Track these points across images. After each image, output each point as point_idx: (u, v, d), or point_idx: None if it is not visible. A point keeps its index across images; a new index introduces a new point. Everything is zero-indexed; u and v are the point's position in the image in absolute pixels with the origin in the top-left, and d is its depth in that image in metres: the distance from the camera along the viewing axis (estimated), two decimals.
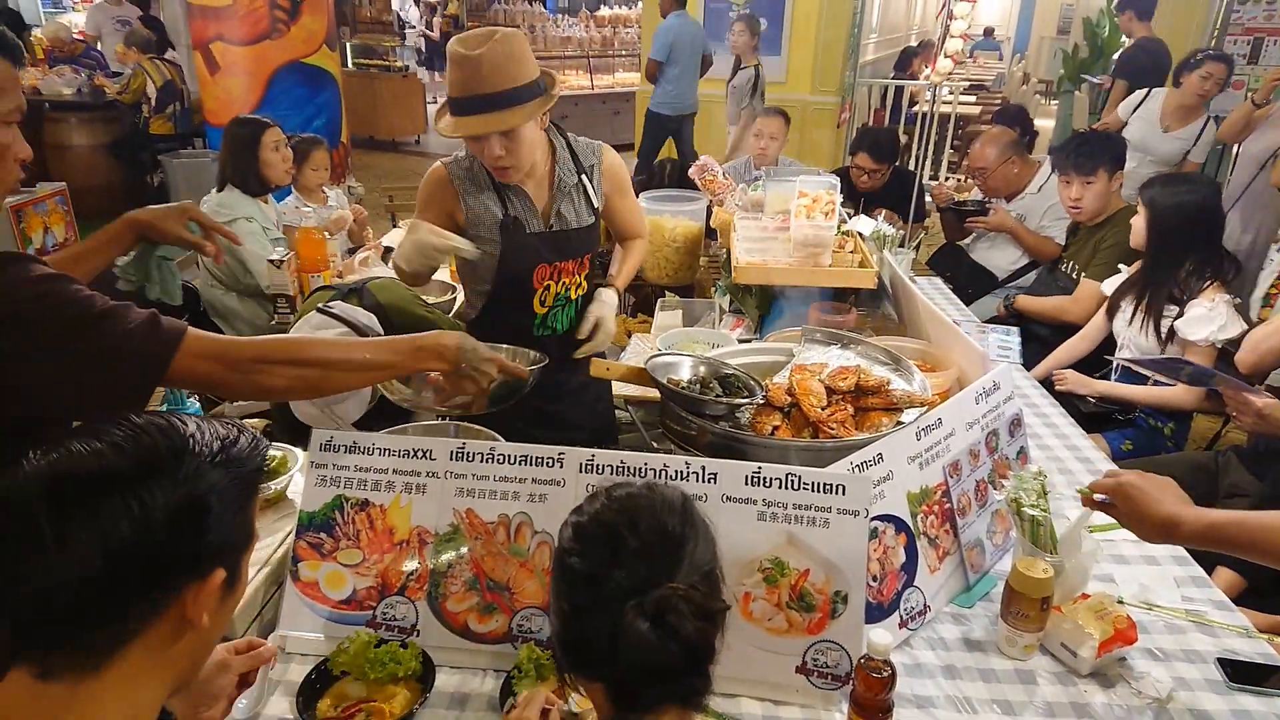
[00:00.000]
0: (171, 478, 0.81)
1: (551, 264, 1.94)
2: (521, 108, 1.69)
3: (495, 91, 1.66)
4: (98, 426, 0.83)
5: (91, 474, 0.79)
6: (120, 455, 0.80)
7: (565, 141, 1.96)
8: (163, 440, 0.83)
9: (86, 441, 0.81)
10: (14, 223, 4.16)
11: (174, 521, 0.80)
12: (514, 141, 1.72)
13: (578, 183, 1.95)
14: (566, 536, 0.97)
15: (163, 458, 0.82)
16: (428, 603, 1.37)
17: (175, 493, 0.80)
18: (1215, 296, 2.41)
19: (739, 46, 6.04)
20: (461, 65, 1.66)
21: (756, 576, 1.31)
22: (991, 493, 1.66)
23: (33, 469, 0.79)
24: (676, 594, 0.87)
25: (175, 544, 0.81)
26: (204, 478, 0.83)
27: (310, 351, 1.26)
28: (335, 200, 3.70)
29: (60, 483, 0.78)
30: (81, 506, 0.77)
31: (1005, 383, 1.74)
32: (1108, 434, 2.61)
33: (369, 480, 1.41)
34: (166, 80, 6.41)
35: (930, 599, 1.49)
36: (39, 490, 0.78)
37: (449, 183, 1.88)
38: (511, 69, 1.67)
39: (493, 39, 1.66)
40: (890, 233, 3.00)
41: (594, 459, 1.37)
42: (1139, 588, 1.61)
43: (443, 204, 1.90)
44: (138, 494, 0.78)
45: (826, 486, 1.32)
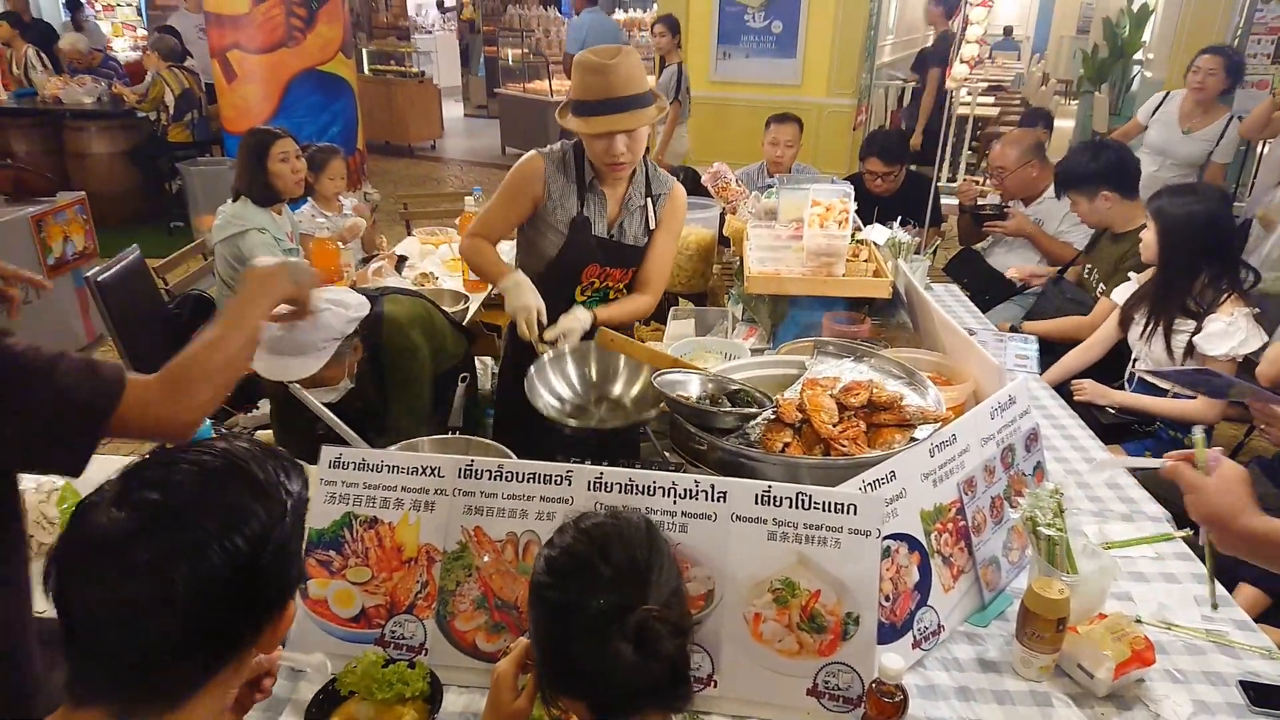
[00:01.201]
0: (263, 518, 0.84)
1: (603, 267, 2.14)
2: (646, 110, 1.95)
3: (629, 95, 1.91)
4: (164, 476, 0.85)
5: (182, 510, 0.82)
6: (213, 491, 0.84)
7: (646, 168, 2.18)
8: (251, 476, 0.87)
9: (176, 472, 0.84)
10: (34, 232, 4.21)
11: (268, 563, 0.84)
12: (635, 141, 1.97)
13: (643, 205, 2.17)
14: (540, 570, 0.99)
15: (252, 495, 0.85)
16: (436, 621, 1.36)
17: (264, 532, 0.84)
18: (1234, 310, 2.36)
19: (661, 46, 6.18)
20: (599, 72, 1.90)
21: (767, 597, 1.30)
22: (1007, 509, 1.63)
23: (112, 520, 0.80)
24: (653, 616, 0.91)
25: (268, 582, 0.86)
26: (287, 517, 0.88)
27: (211, 357, 1.23)
28: (351, 208, 3.73)
29: (151, 521, 0.81)
30: (177, 544, 0.80)
31: (1021, 397, 1.72)
32: (1127, 445, 2.57)
33: (378, 497, 1.41)
34: (185, 88, 6.46)
35: (944, 618, 1.47)
36: (133, 528, 0.80)
37: (543, 172, 2.07)
38: (639, 78, 1.93)
39: (623, 52, 1.91)
40: (906, 240, 2.98)
41: (602, 476, 1.36)
42: (1157, 606, 1.59)
43: (531, 190, 2.08)
44: (231, 537, 0.82)
45: (838, 506, 1.30)
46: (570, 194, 2.09)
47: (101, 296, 2.78)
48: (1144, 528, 1.84)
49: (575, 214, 2.09)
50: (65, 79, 6.94)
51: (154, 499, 0.82)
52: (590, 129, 1.94)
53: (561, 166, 2.09)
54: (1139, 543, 1.78)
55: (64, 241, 4.42)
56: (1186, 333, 2.43)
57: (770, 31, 7.29)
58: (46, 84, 6.89)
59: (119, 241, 3.64)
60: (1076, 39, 13.59)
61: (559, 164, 2.09)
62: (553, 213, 2.09)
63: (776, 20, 7.23)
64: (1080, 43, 11.68)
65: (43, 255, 4.27)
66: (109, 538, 0.80)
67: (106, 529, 0.81)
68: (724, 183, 3.28)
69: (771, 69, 7.34)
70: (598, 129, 1.93)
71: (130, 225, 6.44)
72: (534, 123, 9.51)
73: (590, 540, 0.98)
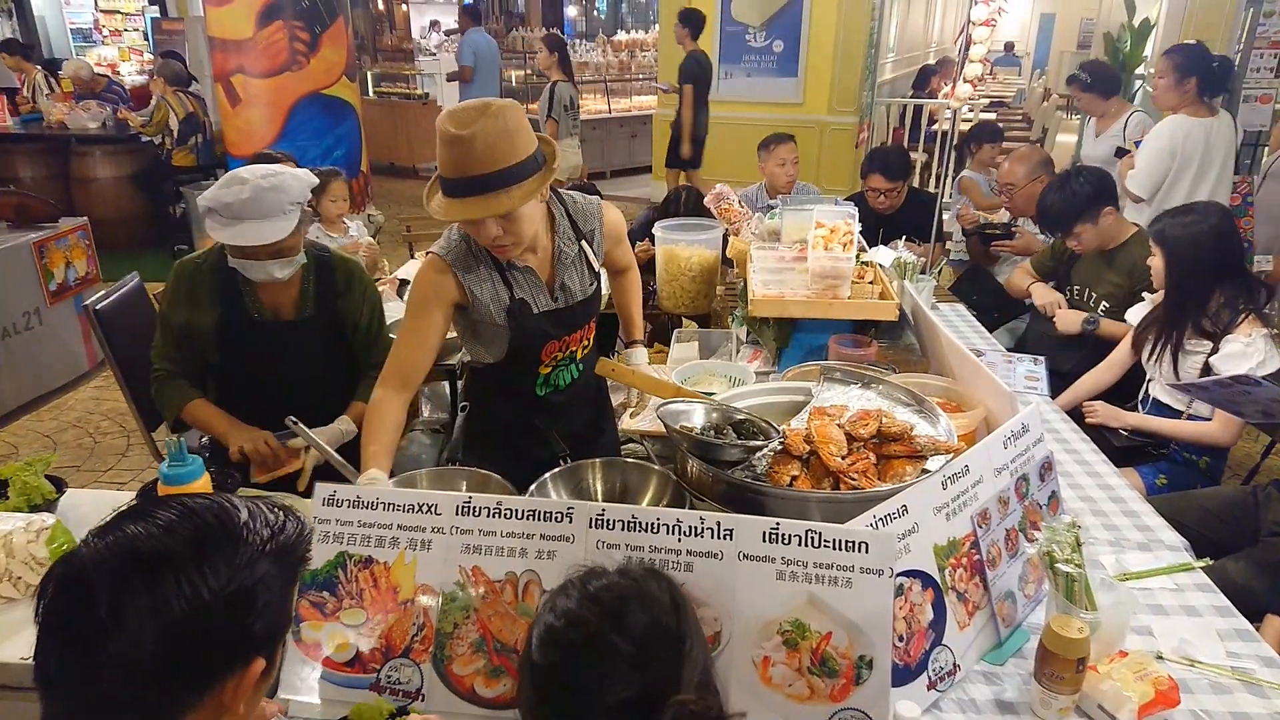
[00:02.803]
0: (226, 564, 0.81)
1: (560, 339, 1.88)
2: (519, 186, 1.57)
3: (490, 172, 1.54)
4: (151, 508, 0.84)
5: (147, 555, 0.79)
6: (174, 538, 0.81)
7: (564, 209, 1.87)
8: (216, 525, 0.84)
9: (141, 523, 0.82)
10: (37, 258, 4.21)
11: (224, 609, 0.80)
12: (512, 221, 1.61)
13: (578, 252, 1.87)
14: (538, 642, 0.83)
15: (217, 542, 0.82)
16: (433, 665, 1.32)
17: (228, 581, 0.81)
18: (1252, 331, 2.31)
19: (542, 64, 6.43)
20: (452, 145, 1.53)
21: (776, 639, 1.25)
22: (1022, 541, 1.58)
23: (91, 549, 0.81)
24: (689, 711, 0.73)
25: (223, 633, 0.81)
26: (255, 567, 0.83)
27: None
28: (355, 230, 3.71)
29: (117, 562, 0.79)
30: (137, 585, 0.78)
31: (1034, 424, 1.67)
32: (1141, 468, 2.52)
33: (372, 536, 1.37)
34: (189, 113, 6.49)
35: (960, 657, 1.42)
36: (96, 569, 0.79)
37: (449, 271, 1.74)
38: (505, 146, 1.54)
39: (485, 114, 1.53)
40: (911, 260, 2.94)
41: (604, 514, 1.32)
42: (1179, 642, 1.53)
43: (445, 296, 1.76)
44: (190, 578, 0.78)
45: (848, 544, 1.26)
46: (493, 281, 1.77)
47: (100, 325, 2.75)
48: (1162, 557, 1.79)
49: (507, 302, 1.78)
50: (71, 104, 6.97)
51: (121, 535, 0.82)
52: (448, 214, 1.60)
53: (466, 257, 1.76)
54: (1157, 573, 1.73)
55: (66, 267, 4.41)
56: (1201, 354, 2.38)
57: (771, 51, 7.32)
58: (52, 109, 6.93)
59: (124, 266, 3.63)
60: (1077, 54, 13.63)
61: (462, 257, 1.75)
62: (482, 310, 1.78)
63: (778, 39, 7.25)
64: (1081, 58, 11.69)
65: (45, 281, 4.26)
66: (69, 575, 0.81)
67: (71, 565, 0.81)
68: (727, 204, 3.25)
69: (773, 88, 7.36)
70: (456, 215, 1.60)
71: (135, 249, 6.45)
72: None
73: (601, 607, 0.81)
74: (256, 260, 2.06)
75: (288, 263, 2.10)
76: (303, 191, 2.06)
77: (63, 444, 3.99)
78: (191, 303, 2.17)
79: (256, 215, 1.99)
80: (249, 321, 2.18)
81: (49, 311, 4.30)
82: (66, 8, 13.04)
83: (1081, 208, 2.91)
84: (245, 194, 1.95)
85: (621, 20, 15.21)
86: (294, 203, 2.04)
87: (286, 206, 2.02)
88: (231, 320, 2.17)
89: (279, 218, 2.02)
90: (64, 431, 4.10)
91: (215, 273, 2.16)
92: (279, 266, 2.08)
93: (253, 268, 2.07)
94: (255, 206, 1.97)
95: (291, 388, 2.20)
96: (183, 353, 2.21)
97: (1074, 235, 2.96)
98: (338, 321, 2.29)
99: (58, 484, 1.80)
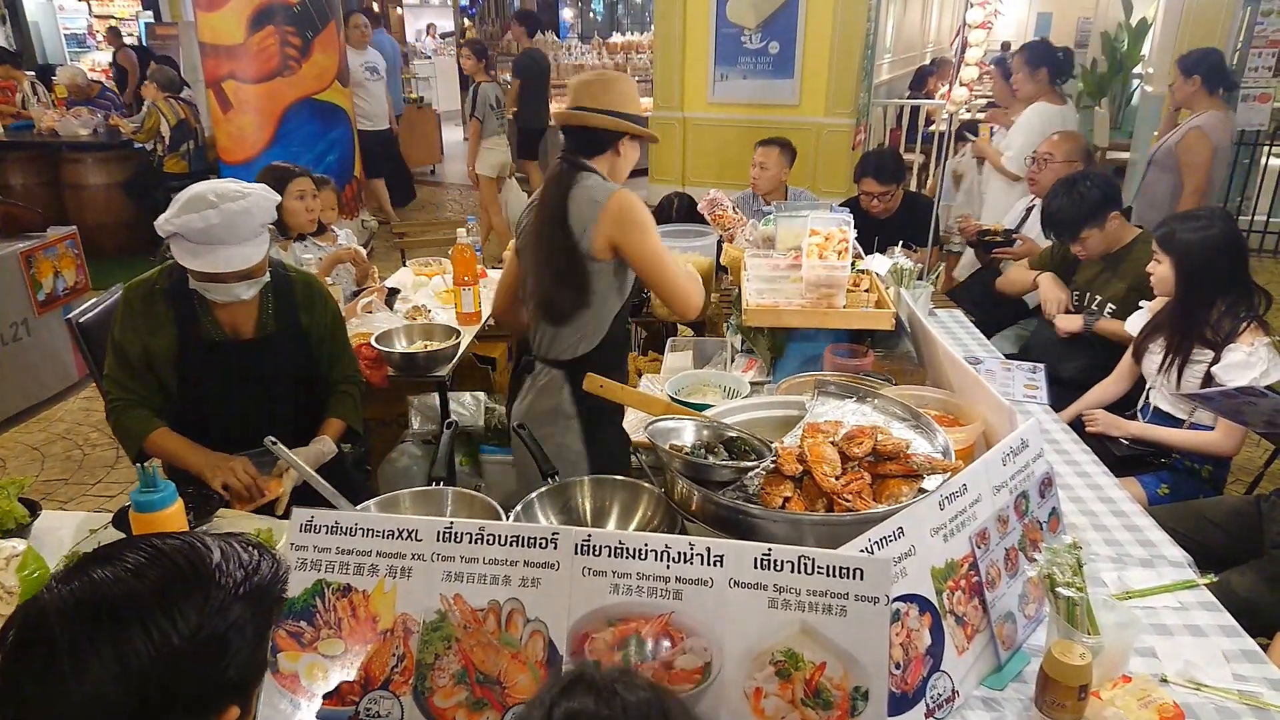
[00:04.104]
0: (197, 610, 0.78)
1: None
2: None
3: None
4: (118, 550, 0.81)
5: (113, 601, 0.76)
6: (141, 582, 0.78)
7: None
8: (187, 567, 0.81)
9: (107, 567, 0.79)
10: (24, 268, 4.16)
11: (195, 657, 0.77)
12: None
13: None
14: None
15: (187, 586, 0.79)
16: (413, 697, 1.27)
17: (199, 626, 0.78)
18: (1254, 340, 2.27)
19: (468, 68, 6.61)
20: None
21: (768, 670, 1.20)
22: (1022, 560, 1.54)
23: (53, 595, 0.77)
24: None
25: (194, 681, 0.78)
26: (228, 612, 0.80)
27: None
28: (345, 238, 3.66)
29: (80, 609, 0.76)
30: (101, 634, 0.75)
31: (1034, 439, 1.63)
32: (1143, 477, 2.48)
33: (351, 563, 1.32)
34: (181, 119, 6.44)
35: (959, 683, 1.38)
36: (59, 616, 0.76)
37: None
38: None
39: None
40: (908, 266, 2.90)
41: (590, 539, 1.28)
42: (1184, 664, 1.49)
43: None
44: (159, 624, 0.76)
45: (843, 571, 1.21)
46: None
47: (84, 337, 2.71)
48: (1165, 573, 1.75)
49: None
50: (61, 110, 6.93)
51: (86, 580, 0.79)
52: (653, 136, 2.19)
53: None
54: (1160, 591, 1.69)
55: (54, 277, 4.36)
56: (1203, 363, 2.34)
57: (767, 52, 7.27)
58: (43, 116, 6.88)
59: (115, 274, 3.60)
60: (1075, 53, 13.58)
61: None
62: None
63: (773, 41, 7.21)
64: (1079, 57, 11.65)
65: (32, 291, 4.21)
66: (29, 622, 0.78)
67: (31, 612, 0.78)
68: (720, 210, 3.21)
69: (769, 90, 7.31)
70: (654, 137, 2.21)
71: (127, 257, 6.41)
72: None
73: None
74: (224, 283, 1.99)
75: (255, 283, 2.05)
76: (270, 211, 2.00)
77: (51, 456, 3.94)
78: (147, 327, 2.07)
79: (230, 240, 1.92)
80: (209, 343, 2.10)
81: (37, 322, 4.25)
82: (60, 13, 13.00)
83: (1089, 212, 2.87)
84: (215, 219, 1.87)
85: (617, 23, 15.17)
86: (263, 224, 1.99)
87: (257, 228, 1.97)
88: (189, 342, 2.09)
89: (251, 241, 1.97)
90: (52, 443, 4.06)
91: (169, 294, 2.08)
92: (245, 288, 2.03)
93: (218, 290, 2.01)
94: (227, 231, 1.90)
95: (257, 409, 2.14)
96: (139, 380, 2.10)
97: (1080, 240, 2.92)
98: (301, 337, 2.24)
99: (32, 507, 1.76)
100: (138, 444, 2.07)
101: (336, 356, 2.30)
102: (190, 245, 1.92)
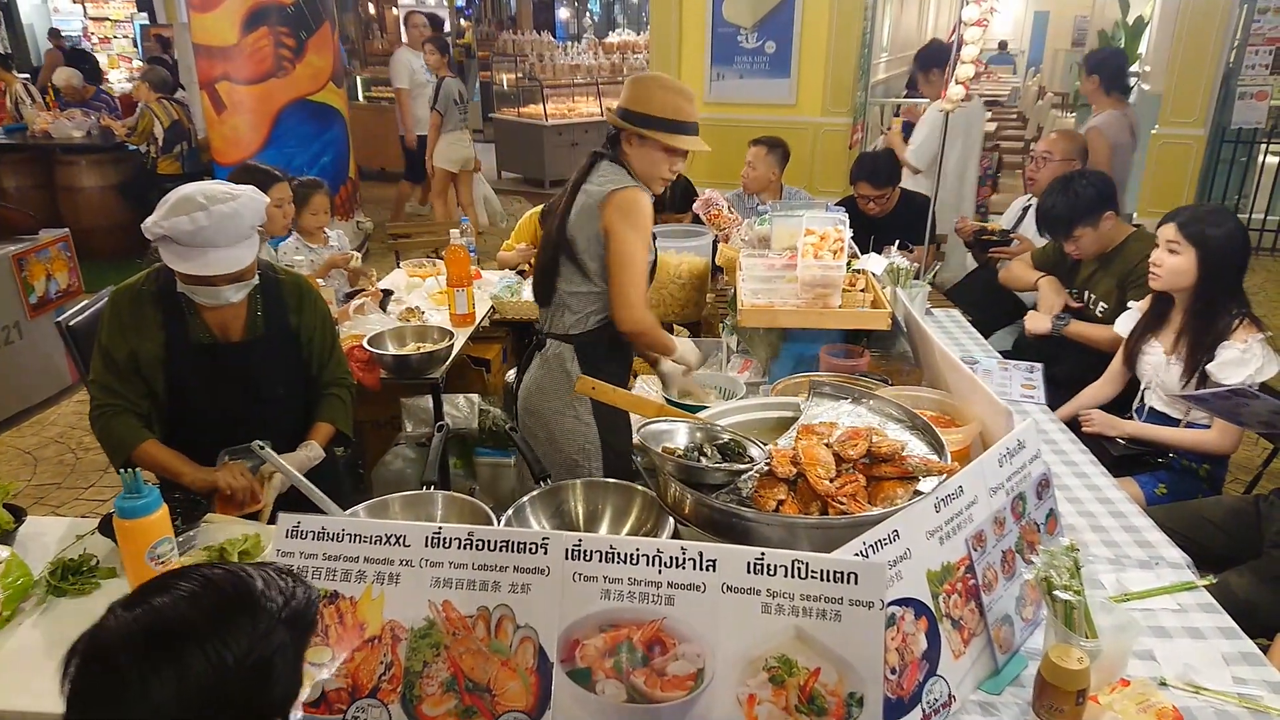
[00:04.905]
0: (247, 634, 0.84)
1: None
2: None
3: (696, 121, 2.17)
4: (173, 580, 0.88)
5: (171, 626, 0.83)
6: (197, 608, 0.84)
7: None
8: (235, 595, 0.87)
9: (165, 595, 0.85)
10: (16, 271, 4.14)
11: (245, 677, 0.83)
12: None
13: None
14: None
15: (237, 612, 0.85)
16: (401, 706, 1.25)
17: (249, 650, 0.84)
18: (1248, 336, 2.26)
19: (431, 64, 6.72)
20: (689, 98, 2.14)
21: (762, 676, 1.19)
22: (1019, 563, 1.52)
23: (118, 621, 0.84)
24: None
25: (244, 701, 0.83)
26: (272, 636, 0.86)
27: None
28: (336, 240, 3.64)
29: (143, 634, 0.82)
30: (162, 656, 0.81)
31: (1031, 440, 1.61)
32: (1140, 477, 2.46)
33: (338, 570, 1.31)
34: (174, 120, 6.42)
35: (955, 688, 1.36)
36: (122, 641, 0.82)
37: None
38: None
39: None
40: (904, 266, 2.88)
41: (580, 544, 1.26)
42: (1183, 667, 1.47)
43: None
44: (214, 645, 0.82)
45: (837, 575, 1.19)
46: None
47: (75, 340, 2.69)
48: (1163, 575, 1.73)
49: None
50: (55, 113, 6.90)
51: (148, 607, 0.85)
52: (679, 144, 2.13)
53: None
54: (1159, 593, 1.67)
55: (47, 280, 4.34)
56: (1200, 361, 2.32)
57: (764, 52, 7.25)
58: (36, 118, 6.86)
59: (109, 276, 3.56)
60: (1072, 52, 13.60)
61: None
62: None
63: (770, 40, 7.19)
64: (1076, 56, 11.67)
65: (24, 295, 4.19)
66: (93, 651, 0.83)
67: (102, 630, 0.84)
68: (716, 210, 3.20)
69: (766, 89, 7.29)
70: (686, 145, 2.15)
71: (121, 259, 6.38)
72: (528, 147, 9.47)
73: None
74: (213, 286, 1.97)
75: (243, 286, 2.03)
76: (259, 213, 1.98)
77: (43, 460, 3.92)
78: (135, 331, 2.04)
79: (220, 243, 1.90)
80: (197, 346, 2.07)
81: (29, 325, 4.23)
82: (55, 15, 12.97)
83: (1083, 211, 2.85)
84: (205, 221, 1.85)
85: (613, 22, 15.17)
86: (253, 226, 1.96)
87: (246, 230, 1.95)
88: (178, 346, 2.06)
89: (242, 244, 1.95)
90: (45, 448, 4.03)
91: (156, 298, 2.05)
92: (235, 290, 2.01)
93: (206, 293, 1.98)
94: (217, 234, 1.88)
95: (246, 412, 2.11)
96: (126, 385, 2.06)
97: (1073, 239, 2.90)
98: (291, 338, 2.21)
99: (16, 513, 1.74)
100: (125, 454, 2.03)
101: (326, 359, 2.28)
102: (179, 248, 1.90)
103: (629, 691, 1.19)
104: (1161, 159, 7.01)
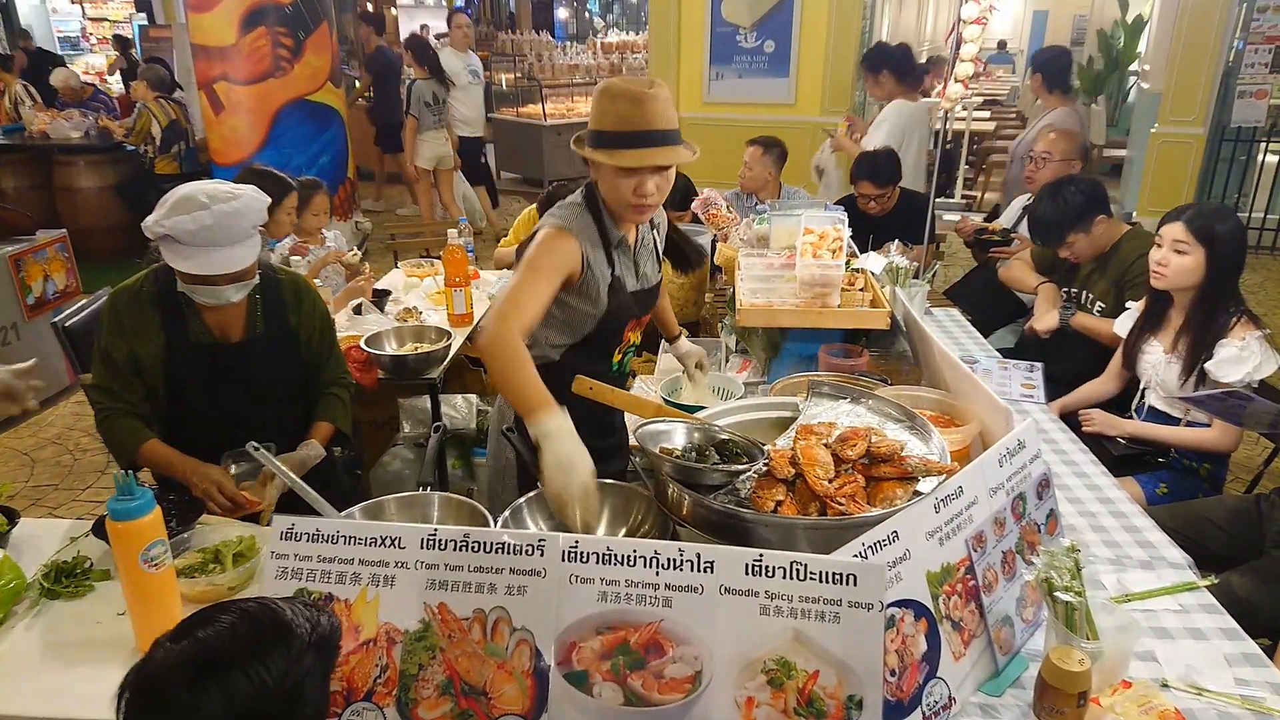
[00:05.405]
0: (281, 658, 0.92)
1: (638, 319, 2.00)
2: (684, 146, 1.77)
3: (669, 129, 1.73)
4: (213, 614, 0.96)
5: (215, 653, 0.91)
6: (237, 637, 0.93)
7: None
8: (270, 625, 0.95)
9: (207, 627, 0.94)
10: (13, 272, 4.13)
11: (282, 699, 0.91)
12: (665, 180, 1.77)
13: (652, 240, 2.03)
14: None
15: (271, 640, 0.94)
16: (397, 709, 1.24)
17: (284, 674, 0.91)
18: (1245, 334, 2.25)
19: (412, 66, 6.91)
20: (636, 102, 1.69)
21: (760, 679, 1.18)
22: (1020, 563, 1.51)
23: (166, 654, 0.92)
24: None
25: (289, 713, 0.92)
26: (302, 661, 0.94)
27: None
28: (333, 241, 3.63)
29: (190, 662, 0.90)
30: (209, 679, 0.89)
31: (1031, 440, 1.60)
32: (1140, 477, 2.45)
33: (333, 572, 1.29)
34: (171, 120, 6.41)
35: (955, 690, 1.35)
36: (171, 670, 0.90)
37: (575, 241, 1.79)
38: (672, 112, 1.76)
39: (656, 84, 1.73)
40: (904, 265, 2.87)
41: (577, 545, 1.25)
42: (1185, 668, 1.46)
43: (568, 265, 1.79)
44: (255, 668, 0.90)
45: (836, 576, 1.18)
46: (602, 259, 1.85)
47: (70, 341, 2.68)
48: (1165, 575, 1.72)
49: (610, 279, 1.86)
50: (53, 113, 6.89)
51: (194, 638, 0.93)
52: (634, 161, 1.70)
53: (590, 234, 1.83)
54: (1160, 594, 1.66)
55: (44, 281, 4.33)
56: None
57: (763, 51, 7.25)
58: (34, 119, 6.85)
59: (107, 277, 3.56)
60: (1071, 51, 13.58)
61: (585, 229, 1.82)
62: (590, 284, 1.84)
63: (769, 40, 7.19)
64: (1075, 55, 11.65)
65: (22, 295, 4.18)
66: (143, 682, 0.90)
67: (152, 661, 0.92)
68: (715, 209, 3.19)
69: (764, 88, 7.29)
70: (645, 161, 1.70)
71: (119, 260, 6.37)
72: (527, 147, 9.47)
73: None
74: (215, 285, 1.96)
75: (244, 286, 2.02)
76: (261, 213, 1.97)
77: (41, 461, 3.91)
78: (134, 332, 2.03)
79: (223, 242, 1.89)
80: (197, 346, 2.06)
81: (27, 326, 4.22)
82: (54, 16, 12.96)
83: (1074, 217, 2.84)
84: (208, 220, 1.84)
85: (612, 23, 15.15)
86: (254, 225, 1.96)
87: (248, 230, 1.94)
88: (177, 346, 2.05)
89: (244, 243, 1.94)
90: (42, 449, 4.02)
91: (155, 298, 2.04)
92: (235, 290, 2.00)
93: (208, 293, 1.98)
94: (220, 233, 1.87)
95: (246, 413, 2.10)
96: (127, 386, 2.05)
97: (1067, 245, 2.89)
98: (291, 338, 2.20)
99: (10, 515, 1.72)
100: (130, 456, 2.03)
101: (325, 358, 2.27)
102: (181, 247, 1.89)
103: (626, 694, 1.18)
104: (1161, 158, 7.00)
